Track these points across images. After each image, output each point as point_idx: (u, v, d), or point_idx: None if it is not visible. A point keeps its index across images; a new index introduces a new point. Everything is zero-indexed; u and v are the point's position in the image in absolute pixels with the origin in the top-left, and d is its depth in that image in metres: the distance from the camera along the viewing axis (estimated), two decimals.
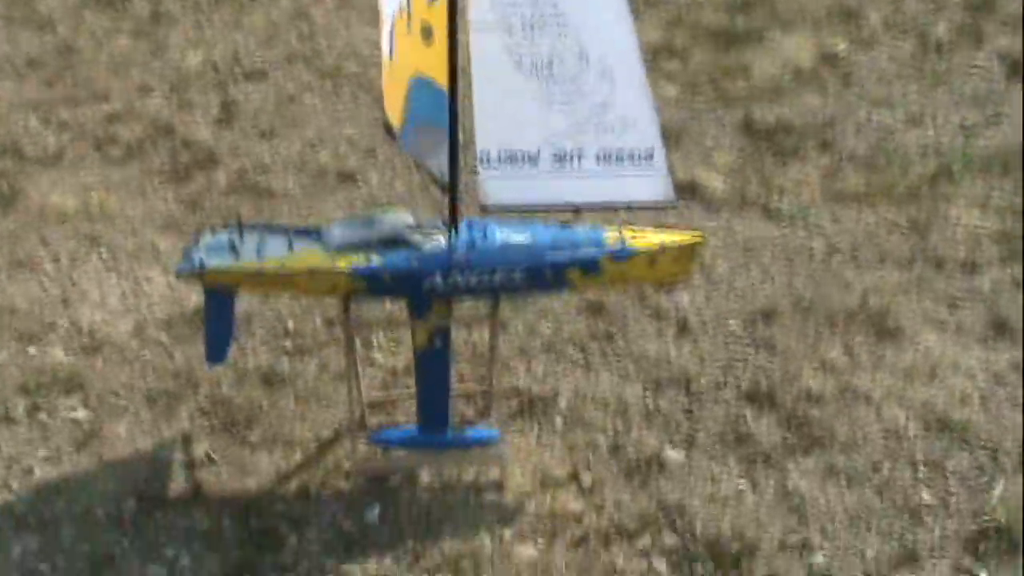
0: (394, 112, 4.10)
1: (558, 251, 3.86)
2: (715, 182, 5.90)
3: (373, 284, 3.84)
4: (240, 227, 3.89)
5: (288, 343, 4.91)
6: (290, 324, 5.01)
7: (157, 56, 7.57)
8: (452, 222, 3.87)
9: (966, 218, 5.55)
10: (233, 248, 3.81)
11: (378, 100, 6.62)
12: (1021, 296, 5.00)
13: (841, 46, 7.39)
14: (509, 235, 3.90)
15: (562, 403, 4.58)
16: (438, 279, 3.81)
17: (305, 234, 3.94)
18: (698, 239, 3.99)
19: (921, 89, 6.84)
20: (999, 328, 4.82)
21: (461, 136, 3.78)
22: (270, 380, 4.67)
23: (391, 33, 4.01)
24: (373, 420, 4.45)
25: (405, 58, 3.91)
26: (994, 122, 6.40)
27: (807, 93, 6.83)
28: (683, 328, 4.95)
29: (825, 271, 5.27)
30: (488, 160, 3.75)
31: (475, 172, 3.72)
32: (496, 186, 3.78)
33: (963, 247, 5.34)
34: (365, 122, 6.83)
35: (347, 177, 6.25)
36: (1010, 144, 6.15)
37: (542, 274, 3.87)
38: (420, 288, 3.86)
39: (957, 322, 4.89)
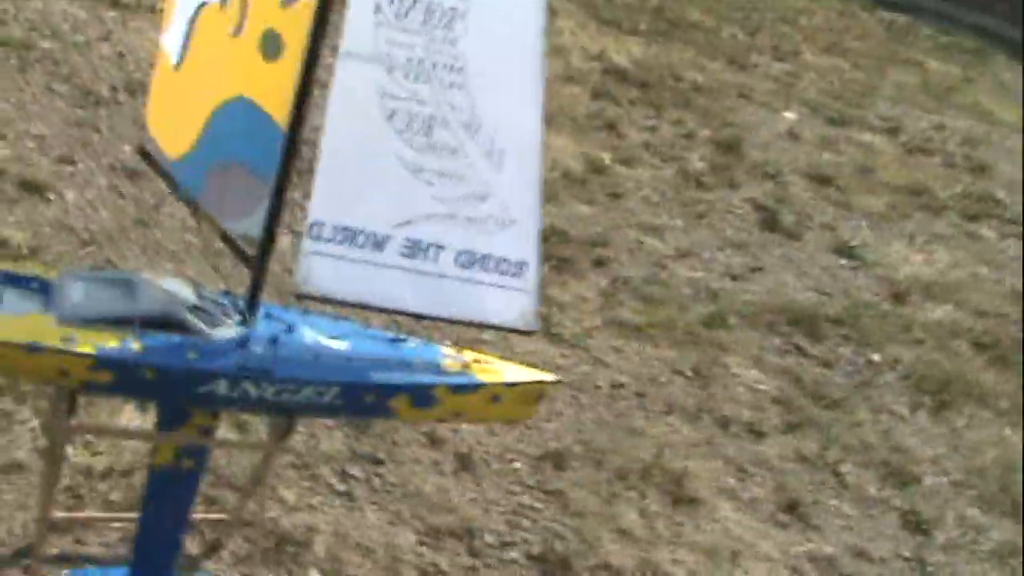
0: (171, 135, 2.95)
1: (386, 371, 2.88)
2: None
3: (123, 379, 2.62)
4: None
5: None
6: None
7: None
8: (252, 308, 2.76)
9: (745, 375, 5.19)
10: None
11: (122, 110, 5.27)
12: (808, 474, 4.65)
13: (606, 159, 7.04)
14: (322, 338, 2.86)
15: (318, 546, 3.52)
16: (222, 387, 2.68)
17: (20, 283, 2.65)
18: (549, 379, 3.17)
19: (686, 222, 6.59)
20: (791, 509, 4.42)
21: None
22: None
23: (189, 26, 2.87)
24: (51, 547, 3.14)
25: (215, 69, 2.80)
26: (756, 271, 6.21)
27: (578, 202, 6.34)
28: (463, 463, 4.10)
29: (614, 415, 4.65)
30: (319, 233, 2.73)
31: (295, 245, 2.67)
32: (322, 268, 2.75)
33: (746, 409, 4.97)
34: (61, 120, 5.41)
35: (33, 188, 4.81)
36: (772, 297, 5.96)
37: (360, 398, 2.87)
38: (191, 394, 2.70)
39: (750, 496, 4.45)
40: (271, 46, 2.61)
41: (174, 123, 2.92)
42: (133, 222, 4.80)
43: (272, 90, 2.61)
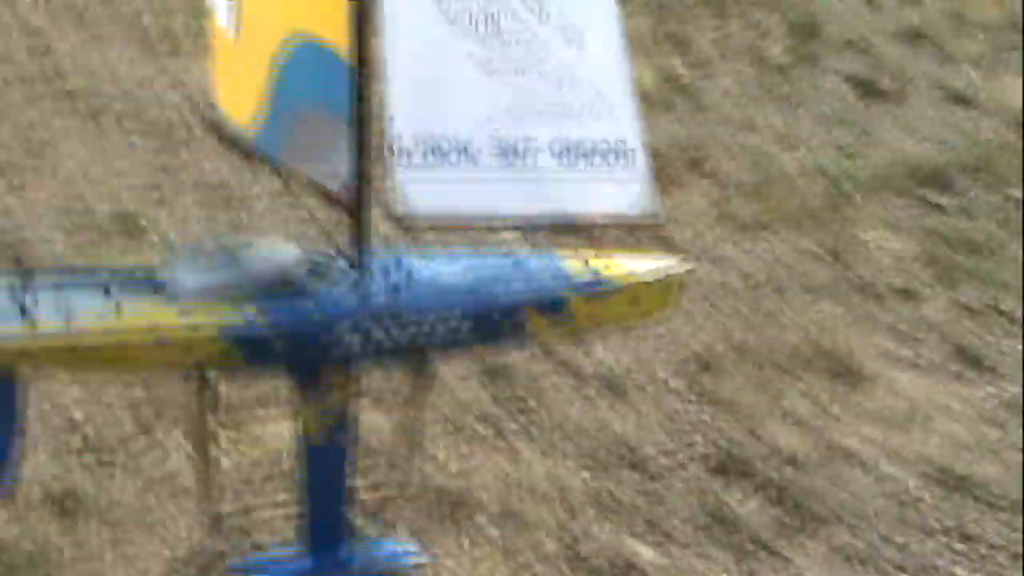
0: (241, 103, 2.84)
1: (511, 288, 2.72)
2: None
3: (252, 350, 2.53)
4: (25, 275, 2.49)
5: (85, 451, 3.41)
6: (81, 420, 3.53)
7: None
8: (361, 253, 2.63)
9: (883, 243, 4.89)
10: (22, 310, 2.39)
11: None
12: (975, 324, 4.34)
13: (681, 70, 6.75)
14: (439, 271, 2.72)
15: (488, 501, 3.39)
16: (349, 337, 2.56)
17: (131, 280, 2.58)
18: (684, 267, 2.97)
19: (780, 111, 6.26)
20: (966, 360, 4.12)
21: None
22: (66, 508, 3.17)
23: None
24: (226, 544, 3.08)
25: (267, 18, 2.67)
26: (867, 141, 5.86)
27: (662, 117, 6.07)
28: (610, 386, 3.91)
29: (753, 308, 4.40)
30: (405, 153, 2.57)
31: (385, 172, 2.53)
32: (417, 189, 2.60)
33: (893, 275, 4.66)
34: (144, 159, 5.41)
35: (128, 221, 4.79)
36: (891, 163, 5.61)
37: (492, 321, 2.72)
38: (321, 353, 2.59)
39: (921, 358, 4.16)
40: None
41: (241, 88, 2.82)
42: (227, 225, 4.75)
43: (324, 18, 2.48)
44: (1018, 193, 5.31)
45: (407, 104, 2.56)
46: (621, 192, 2.74)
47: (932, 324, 4.36)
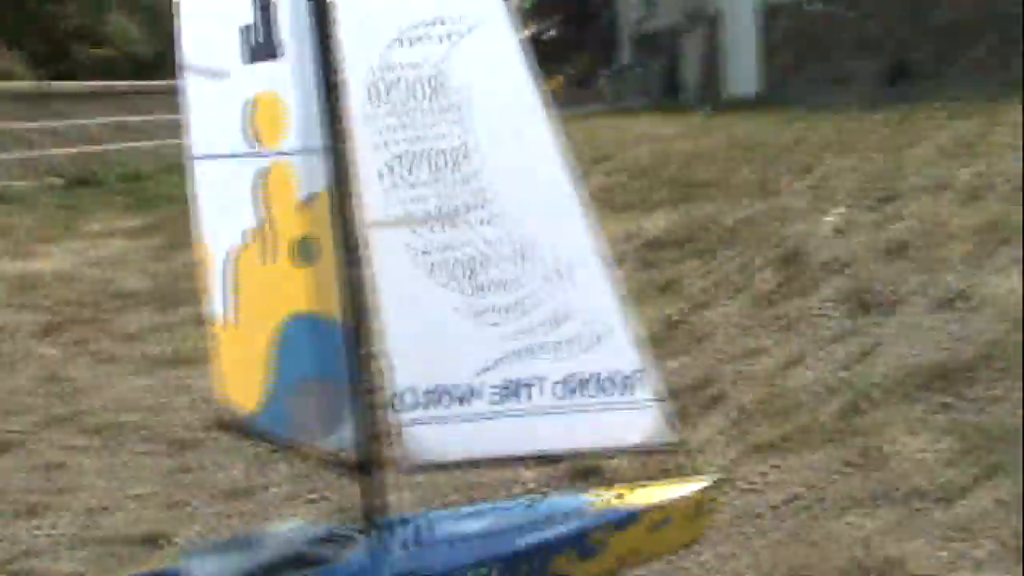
0: (243, 391, 2.91)
1: (535, 532, 2.67)
2: (611, 461, 4.89)
3: None
4: None
5: None
6: None
7: None
8: (376, 516, 2.61)
9: (910, 446, 4.80)
10: None
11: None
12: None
13: (676, 314, 6.94)
14: (459, 525, 2.68)
15: None
16: None
17: None
18: (708, 482, 2.92)
19: (779, 337, 6.36)
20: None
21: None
22: None
23: (226, 284, 2.89)
24: None
25: (262, 304, 2.78)
26: (868, 354, 5.90)
27: (665, 358, 6.15)
28: None
29: (789, 533, 4.27)
30: (409, 401, 2.61)
31: (391, 429, 2.55)
32: (423, 435, 2.62)
33: (926, 476, 4.54)
34: (161, 475, 5.43)
35: (149, 541, 4.74)
36: (897, 370, 5.62)
37: (521, 567, 2.63)
38: None
39: (972, 555, 3.97)
40: (308, 251, 2.62)
41: (243, 376, 2.89)
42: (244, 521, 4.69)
43: (318, 293, 2.59)
44: None
45: (405, 359, 2.63)
46: (631, 421, 2.75)
47: (978, 521, 4.20)
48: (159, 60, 21.07)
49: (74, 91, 17.75)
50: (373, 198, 2.62)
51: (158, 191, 15.59)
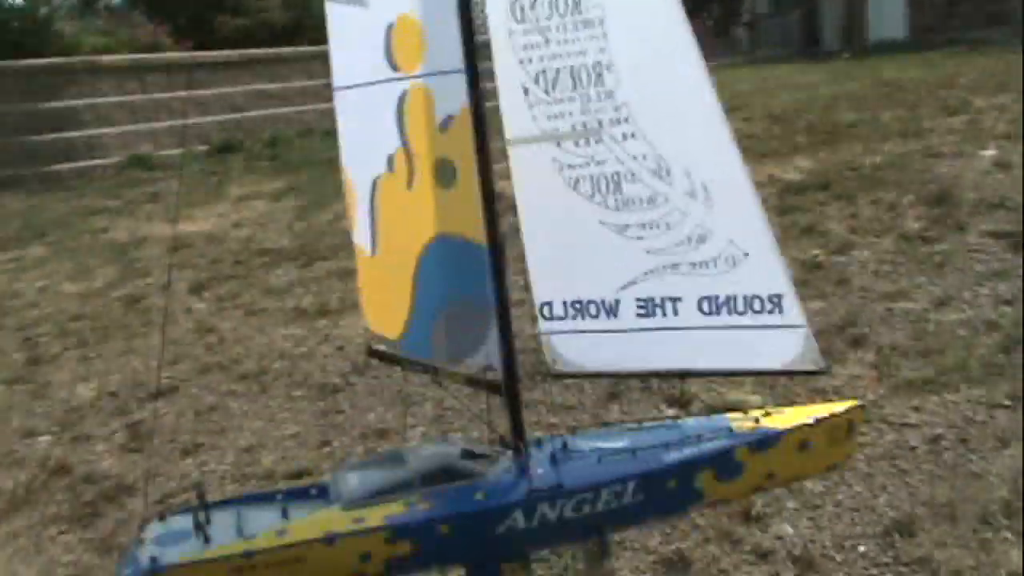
0: (389, 317, 2.96)
1: (677, 450, 2.64)
2: (751, 396, 4.81)
3: (424, 544, 2.50)
4: (204, 505, 2.56)
5: None
6: None
7: (39, 397, 6.31)
8: (517, 434, 2.63)
9: None
10: (200, 532, 2.46)
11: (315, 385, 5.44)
12: None
13: (819, 254, 6.74)
14: (601, 444, 2.68)
15: None
16: (520, 519, 2.51)
17: (303, 496, 2.63)
18: (855, 407, 2.84)
19: (930, 276, 6.12)
20: None
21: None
22: None
23: (373, 212, 2.94)
24: None
25: (407, 228, 2.82)
26: None
27: (809, 299, 6.00)
28: (805, 565, 3.65)
29: (945, 467, 4.12)
30: (551, 313, 2.62)
31: (539, 335, 2.55)
32: (567, 345, 2.62)
33: None
34: (310, 417, 5.61)
35: (302, 476, 4.92)
36: None
37: (663, 485, 2.63)
38: (493, 539, 2.54)
39: None
40: (446, 174, 2.64)
41: (388, 304, 2.95)
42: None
43: (462, 215, 2.62)
44: None
45: (549, 272, 2.63)
46: (780, 344, 2.68)
47: None
48: (294, 28, 21.64)
49: (215, 60, 18.36)
50: (516, 115, 2.63)
51: (297, 155, 16.06)
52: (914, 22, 24.69)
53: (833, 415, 2.77)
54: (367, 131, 2.77)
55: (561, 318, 2.62)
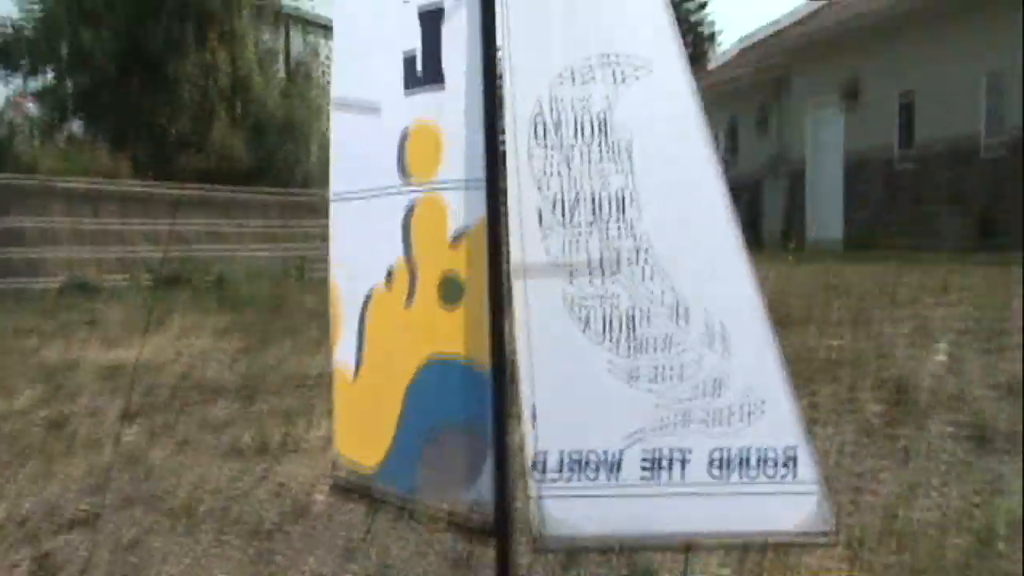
0: (366, 445, 2.70)
1: None
2: (722, 569, 4.52)
3: None
4: None
5: None
6: None
7: None
8: None
9: None
10: None
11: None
12: None
13: None
14: None
15: None
16: None
17: None
18: None
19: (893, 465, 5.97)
20: None
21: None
22: None
23: (360, 329, 2.72)
24: None
25: (400, 347, 2.60)
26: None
27: None
28: None
29: None
30: (544, 468, 2.37)
31: (530, 492, 2.30)
32: (561, 508, 2.36)
33: None
34: (239, 563, 5.18)
35: None
36: None
37: None
38: None
39: None
40: (451, 290, 2.44)
41: (367, 431, 2.69)
42: None
43: (463, 334, 2.40)
44: None
45: (550, 418, 2.40)
46: (790, 505, 2.47)
47: None
48: (257, 170, 21.74)
49: (172, 195, 18.26)
50: (527, 241, 2.46)
51: (245, 295, 15.80)
52: (848, 230, 25.59)
53: None
54: (367, 242, 2.58)
55: (556, 474, 2.38)
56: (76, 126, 23.11)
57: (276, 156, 22.60)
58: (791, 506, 2.44)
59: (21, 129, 21.35)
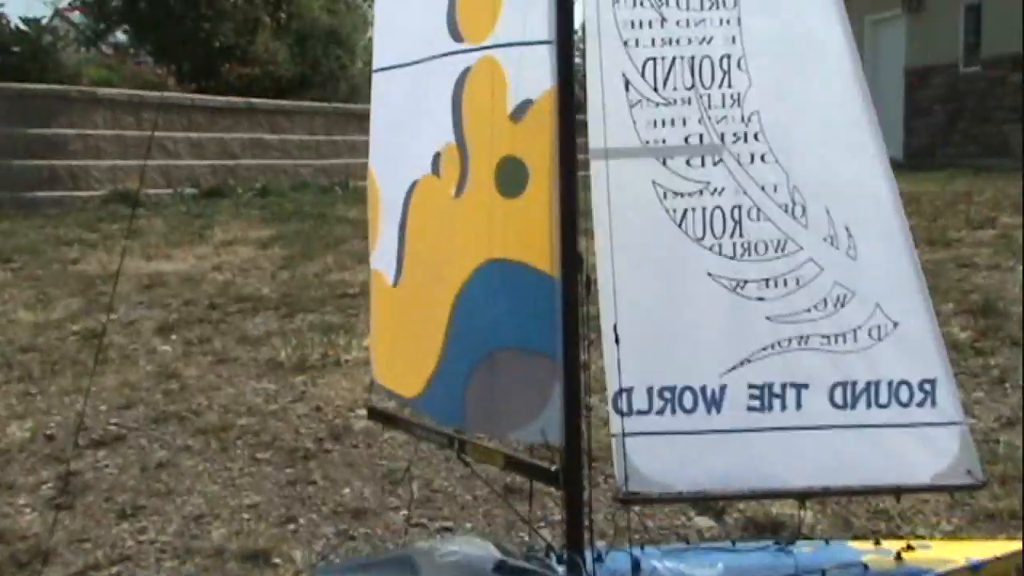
0: (406, 367, 2.23)
1: None
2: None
3: None
4: None
5: None
6: None
7: None
8: (576, 543, 1.88)
9: None
10: None
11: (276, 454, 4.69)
12: None
13: None
14: (688, 567, 1.94)
15: None
16: None
17: None
18: (1019, 551, 2.11)
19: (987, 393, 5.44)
20: None
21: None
22: None
23: (402, 227, 2.23)
24: None
25: (449, 249, 2.11)
26: None
27: None
28: None
29: None
30: (630, 406, 1.89)
31: (607, 432, 1.82)
32: (650, 452, 1.89)
33: None
34: (274, 486, 4.83)
35: (257, 559, 4.12)
36: None
37: None
38: None
39: None
40: (512, 177, 1.94)
41: (408, 351, 2.22)
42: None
43: (526, 233, 1.91)
44: None
45: (633, 342, 1.91)
46: (929, 445, 1.97)
47: None
48: (300, 82, 21.19)
49: (216, 105, 17.81)
50: (610, 116, 1.95)
51: (289, 207, 15.41)
52: (909, 144, 24.57)
53: (997, 560, 2.05)
54: (411, 121, 2.09)
55: (643, 413, 1.91)
56: (121, 35, 22.71)
57: (321, 67, 22.03)
58: (928, 448, 1.96)
59: (66, 39, 20.96)
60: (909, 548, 2.07)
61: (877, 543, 2.13)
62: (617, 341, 1.84)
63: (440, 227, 2.09)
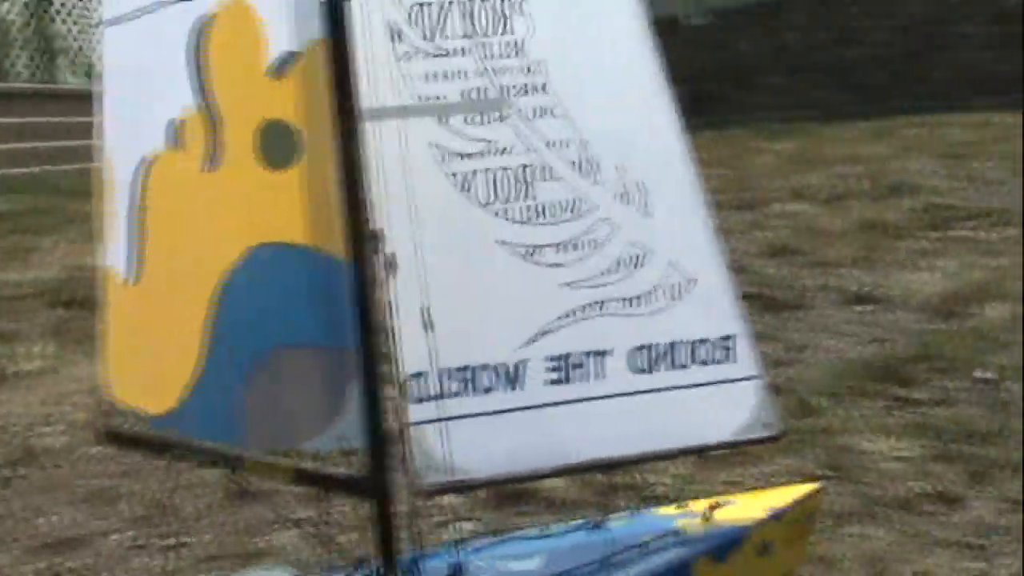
0: (154, 380, 1.90)
1: (616, 568, 1.81)
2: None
3: None
4: None
5: None
6: None
7: None
8: (388, 553, 1.68)
9: (882, 448, 4.26)
10: None
11: None
12: None
13: None
14: (507, 567, 1.79)
15: None
16: None
17: None
18: (815, 490, 2.16)
19: None
20: None
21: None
22: None
23: (135, 213, 1.89)
24: None
25: (201, 235, 1.80)
26: (799, 351, 5.40)
27: None
28: None
29: None
30: (423, 391, 1.71)
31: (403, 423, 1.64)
32: (448, 437, 1.72)
33: (914, 480, 4.00)
34: None
35: None
36: (838, 366, 5.13)
37: None
38: None
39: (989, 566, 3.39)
40: (278, 145, 1.66)
41: (154, 359, 1.88)
42: None
43: (302, 210, 1.64)
44: (985, 375, 4.89)
45: (419, 324, 1.71)
46: (732, 405, 1.94)
47: (986, 527, 3.63)
48: None
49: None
50: (376, 72, 1.71)
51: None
52: None
53: (795, 503, 2.07)
54: (140, 84, 1.74)
55: (437, 397, 1.72)
56: None
57: None
58: (728, 404, 1.93)
59: None
60: (715, 507, 2.05)
61: (681, 506, 2.09)
62: (432, 327, 1.64)
63: (190, 210, 1.76)
